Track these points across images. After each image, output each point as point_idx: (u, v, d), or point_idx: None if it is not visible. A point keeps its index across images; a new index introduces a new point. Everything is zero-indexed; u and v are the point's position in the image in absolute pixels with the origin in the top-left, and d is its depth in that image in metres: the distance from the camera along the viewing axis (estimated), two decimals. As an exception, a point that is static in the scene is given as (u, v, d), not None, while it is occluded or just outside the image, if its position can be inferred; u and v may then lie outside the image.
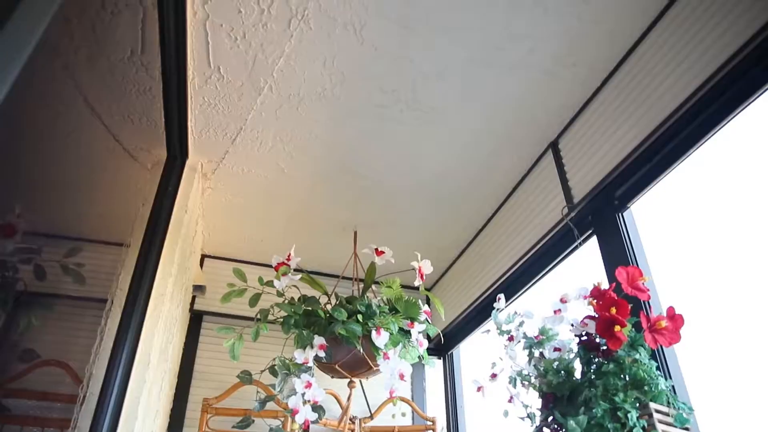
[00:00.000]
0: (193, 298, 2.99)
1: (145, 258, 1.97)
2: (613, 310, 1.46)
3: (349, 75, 1.98)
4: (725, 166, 1.75)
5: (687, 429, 1.47)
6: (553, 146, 2.30)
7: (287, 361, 1.83)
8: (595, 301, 1.53)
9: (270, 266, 2.06)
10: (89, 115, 2.08)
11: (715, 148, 1.70)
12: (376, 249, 2.09)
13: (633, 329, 1.49)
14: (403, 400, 2.84)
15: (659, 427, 1.37)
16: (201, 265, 3.12)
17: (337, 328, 1.76)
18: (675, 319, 1.46)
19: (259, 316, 1.94)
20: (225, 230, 2.95)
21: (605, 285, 1.57)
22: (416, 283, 1.98)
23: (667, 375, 1.66)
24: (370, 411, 2.89)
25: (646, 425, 1.37)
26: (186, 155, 2.31)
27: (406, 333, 1.89)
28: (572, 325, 1.56)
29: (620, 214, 1.95)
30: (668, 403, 1.46)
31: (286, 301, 1.96)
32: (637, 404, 1.41)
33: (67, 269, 2.29)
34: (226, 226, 2.92)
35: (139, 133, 2.20)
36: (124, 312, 1.90)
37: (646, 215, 1.93)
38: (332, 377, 2.08)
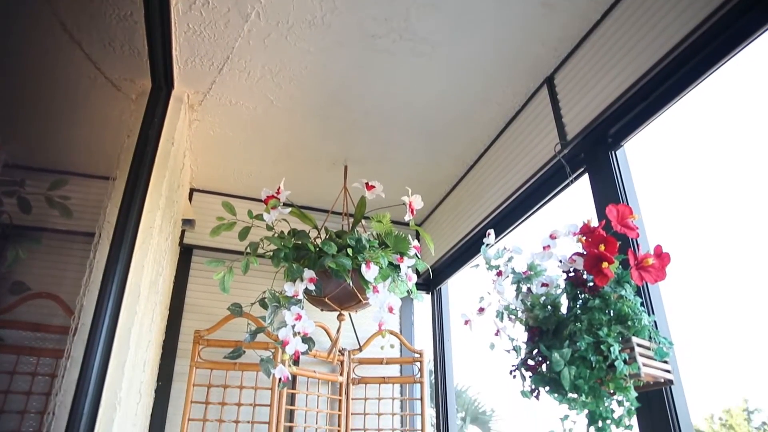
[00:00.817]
0: (183, 232, 2.98)
1: (132, 191, 1.94)
2: (602, 247, 1.47)
3: (340, 2, 1.90)
4: (719, 108, 1.73)
5: (666, 362, 1.52)
6: (549, 81, 2.25)
7: (277, 294, 1.84)
8: (584, 237, 1.54)
9: (259, 201, 2.04)
10: (68, 41, 1.99)
11: (711, 89, 1.67)
12: (367, 183, 2.07)
13: (620, 266, 1.51)
14: (391, 333, 2.90)
15: (640, 360, 1.41)
16: (190, 199, 3.09)
17: (327, 262, 1.77)
18: (662, 257, 1.48)
19: (248, 250, 1.94)
20: (213, 164, 2.91)
21: (595, 223, 1.57)
22: (406, 218, 1.98)
23: (651, 311, 1.70)
24: (359, 343, 2.96)
25: (627, 358, 1.41)
26: (171, 85, 2.24)
27: (395, 268, 1.90)
28: (560, 262, 1.58)
29: (613, 153, 1.93)
30: (650, 337, 1.50)
31: (276, 235, 1.95)
32: (620, 338, 1.45)
33: (53, 202, 2.26)
34: (214, 160, 2.87)
35: (122, 61, 2.12)
36: (113, 245, 1.89)
37: (639, 154, 1.92)
38: (322, 310, 2.11)
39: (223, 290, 1.87)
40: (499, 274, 1.64)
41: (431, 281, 3.27)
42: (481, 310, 1.62)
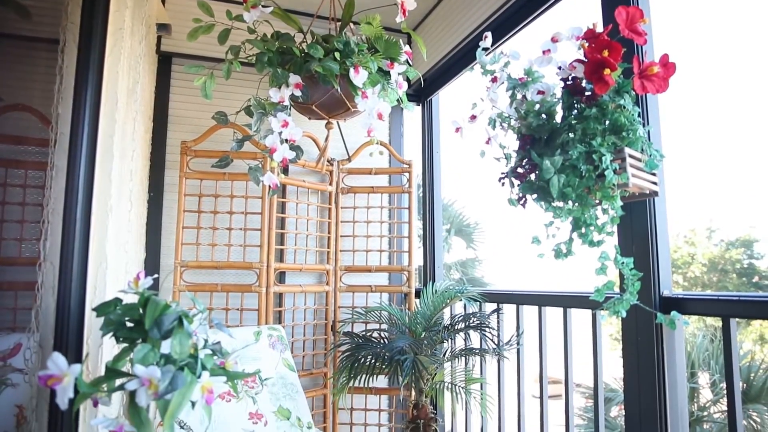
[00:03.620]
0: (159, 38, 2.78)
1: (92, -15, 1.74)
2: (605, 53, 1.39)
3: None
4: None
5: (654, 174, 1.52)
6: None
7: (263, 101, 1.76)
8: (588, 43, 1.44)
9: (239, 2, 1.86)
10: None
11: None
12: (355, -20, 1.87)
13: (621, 75, 1.44)
14: (380, 143, 2.88)
15: (630, 170, 1.41)
16: (163, 1, 2.83)
17: (314, 66, 1.66)
18: (667, 66, 1.41)
19: (229, 54, 1.82)
20: (184, -42, 2.61)
21: (600, 28, 1.46)
22: (398, 20, 1.82)
23: (646, 122, 1.66)
24: (348, 153, 2.96)
25: (617, 168, 1.40)
26: None
27: (385, 74, 1.80)
28: (560, 68, 1.49)
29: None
30: (642, 149, 1.48)
31: (259, 38, 1.81)
32: (613, 149, 1.43)
33: (6, 1, 2.05)
34: (184, -47, 2.57)
35: None
36: (81, 48, 1.75)
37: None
38: (309, 119, 2.05)
39: (206, 96, 1.78)
40: (494, 80, 1.56)
41: (422, 91, 3.17)
42: (473, 117, 1.57)
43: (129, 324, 1.27)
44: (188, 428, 1.83)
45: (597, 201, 1.44)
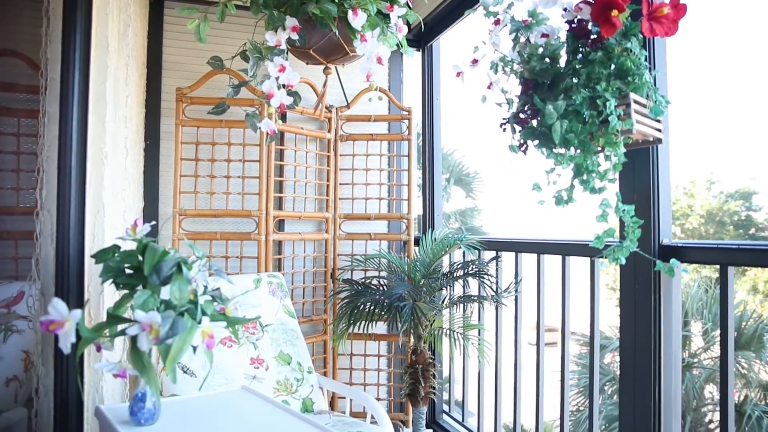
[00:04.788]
0: (148, -19, 2.68)
1: None
2: (614, -7, 1.33)
3: None
4: None
5: (659, 121, 1.49)
6: None
7: (258, 45, 1.71)
8: (596, -17, 1.38)
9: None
10: None
11: None
12: None
13: (629, 18, 1.39)
14: (380, 90, 2.82)
15: (634, 116, 1.38)
16: (152, -62, 2.72)
17: (311, 8, 1.60)
18: (678, 8, 1.35)
19: (222, -5, 1.75)
20: None
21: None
22: (398, -41, 1.75)
23: (653, 67, 1.62)
24: (346, 100, 2.91)
25: (621, 114, 1.37)
26: None
27: (384, 17, 1.74)
28: (565, 10, 1.44)
29: None
30: (647, 95, 1.45)
31: (252, -22, 1.74)
32: (618, 94, 1.39)
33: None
34: None
35: None
36: (66, -14, 1.68)
37: None
38: (307, 63, 1.99)
39: (199, 40, 1.73)
40: (497, 23, 1.51)
41: (422, 37, 3.08)
42: (475, 61, 1.53)
43: (128, 271, 1.28)
44: (191, 373, 1.87)
45: (599, 147, 1.42)
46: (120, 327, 1.20)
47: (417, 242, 2.82)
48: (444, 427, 2.87)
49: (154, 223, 1.40)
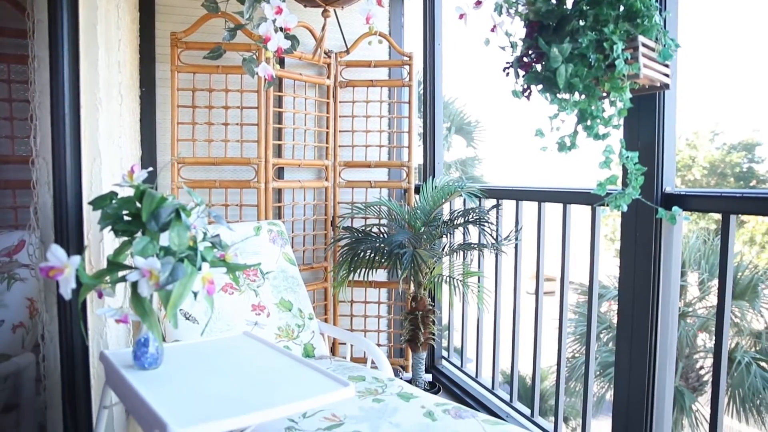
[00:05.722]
0: None
1: None
2: (626, -73, 1.27)
3: None
4: None
5: (667, 66, 1.45)
6: None
7: (253, -15, 1.65)
8: None
9: None
10: None
11: None
12: None
13: (640, -46, 1.33)
14: (380, 35, 2.75)
15: (642, 60, 1.34)
16: None
17: (306, -55, 1.53)
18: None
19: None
20: None
21: None
22: None
23: (663, 8, 1.56)
24: (346, 45, 2.83)
25: (628, 57, 1.33)
26: None
27: (385, -46, 1.67)
28: (574, -53, 1.38)
29: None
30: (656, 38, 1.40)
31: None
32: (626, 37, 1.35)
33: None
34: None
35: None
36: None
37: None
38: (305, 6, 1.94)
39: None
40: (503, -39, 1.45)
41: (424, -23, 2.98)
42: (478, 3, 1.47)
43: (127, 218, 1.27)
44: (193, 319, 1.89)
45: (605, 93, 1.38)
46: (121, 274, 1.20)
47: (417, 190, 2.80)
48: (443, 371, 2.94)
49: (151, 169, 1.38)
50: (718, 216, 1.52)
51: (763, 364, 7.11)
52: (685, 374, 7.85)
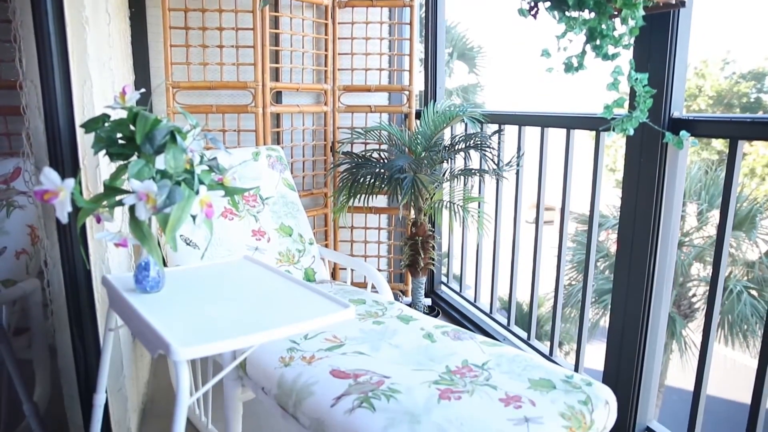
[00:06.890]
0: None
1: None
2: None
3: None
4: None
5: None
6: None
7: None
8: None
9: None
10: None
11: None
12: None
13: None
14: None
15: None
16: None
17: None
18: None
19: None
20: None
21: None
22: None
23: None
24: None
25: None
26: None
27: None
28: None
29: None
30: (673, -51, 1.32)
31: None
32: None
33: None
34: None
35: None
36: None
37: None
38: None
39: None
40: None
41: None
42: None
43: (121, 141, 1.24)
44: (194, 245, 1.90)
45: (616, 10, 1.31)
46: (118, 198, 1.18)
47: (418, 115, 2.75)
48: (442, 296, 2.99)
49: (143, 90, 1.33)
50: (720, 147, 1.49)
51: (753, 292, 7.28)
52: (678, 302, 8.04)
